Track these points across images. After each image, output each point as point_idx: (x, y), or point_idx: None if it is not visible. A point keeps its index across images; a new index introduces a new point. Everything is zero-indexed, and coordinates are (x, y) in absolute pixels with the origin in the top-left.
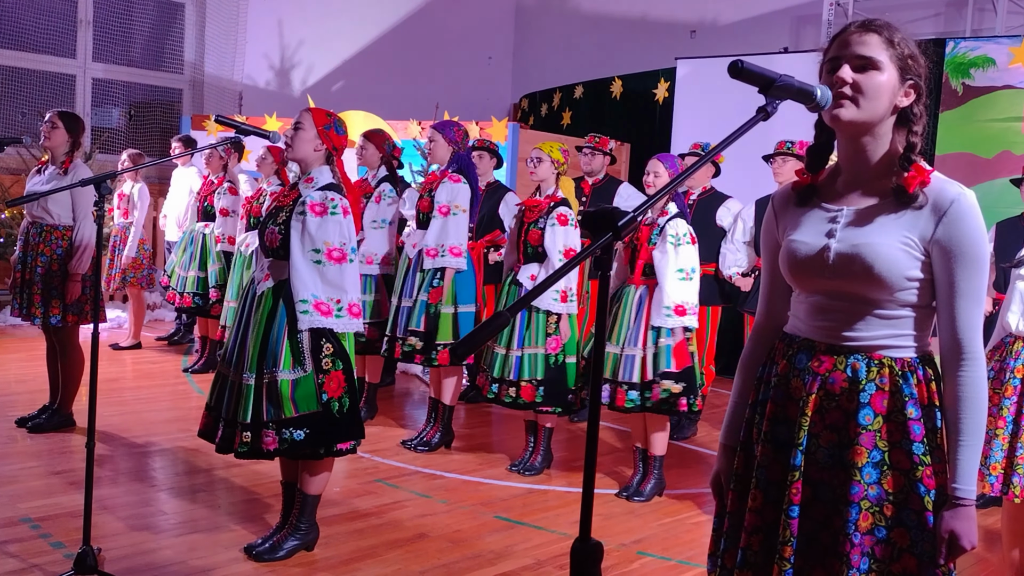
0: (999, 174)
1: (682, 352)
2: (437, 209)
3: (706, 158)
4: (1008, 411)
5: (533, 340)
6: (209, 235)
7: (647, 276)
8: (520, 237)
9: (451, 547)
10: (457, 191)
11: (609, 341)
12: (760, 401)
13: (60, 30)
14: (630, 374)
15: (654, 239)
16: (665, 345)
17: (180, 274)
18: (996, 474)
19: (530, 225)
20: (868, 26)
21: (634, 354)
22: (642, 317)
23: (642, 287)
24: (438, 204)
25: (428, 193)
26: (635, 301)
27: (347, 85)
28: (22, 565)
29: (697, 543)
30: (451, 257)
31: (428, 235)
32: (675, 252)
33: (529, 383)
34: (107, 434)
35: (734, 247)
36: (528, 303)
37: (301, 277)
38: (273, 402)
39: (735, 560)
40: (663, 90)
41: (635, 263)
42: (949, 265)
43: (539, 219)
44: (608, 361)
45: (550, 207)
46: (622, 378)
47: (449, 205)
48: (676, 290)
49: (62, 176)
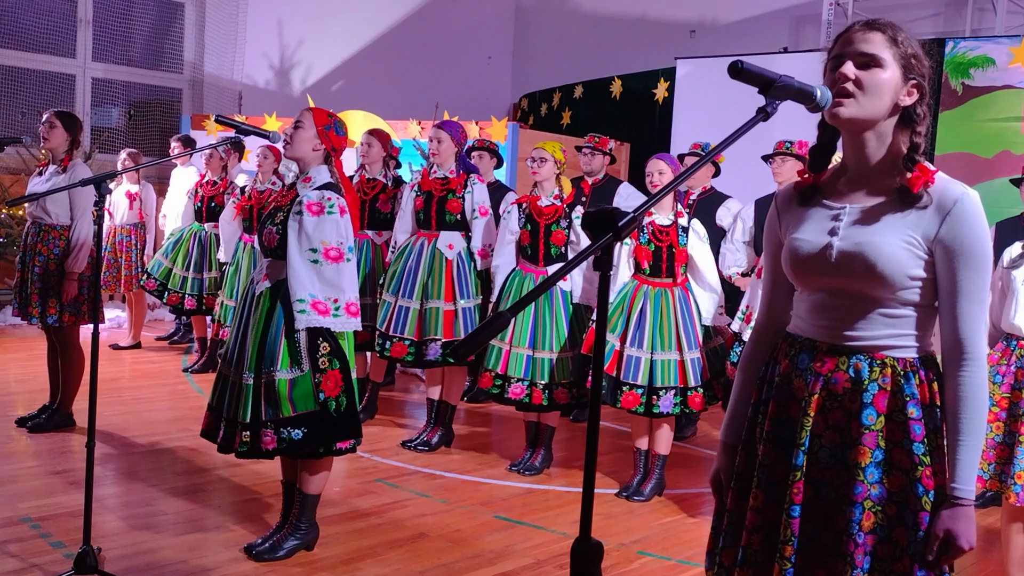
0: (999, 174)
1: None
2: (478, 211)
3: (706, 159)
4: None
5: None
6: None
7: (672, 277)
8: (539, 239)
9: (451, 547)
10: (485, 192)
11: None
12: (762, 401)
13: (60, 30)
14: (699, 377)
15: (683, 240)
16: (718, 345)
17: (180, 274)
18: (1022, 483)
19: (550, 227)
20: (872, 25)
21: (697, 356)
22: (691, 317)
23: (678, 289)
24: (477, 205)
25: (452, 194)
26: (678, 303)
27: (347, 85)
28: (22, 565)
29: (697, 543)
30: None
31: (475, 237)
32: (708, 250)
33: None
34: (107, 434)
35: (734, 247)
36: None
37: (298, 276)
38: (271, 402)
39: (733, 558)
40: (663, 90)
41: (672, 266)
42: (952, 265)
43: (560, 220)
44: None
45: (567, 208)
46: (694, 383)
47: (486, 206)
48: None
49: (61, 176)
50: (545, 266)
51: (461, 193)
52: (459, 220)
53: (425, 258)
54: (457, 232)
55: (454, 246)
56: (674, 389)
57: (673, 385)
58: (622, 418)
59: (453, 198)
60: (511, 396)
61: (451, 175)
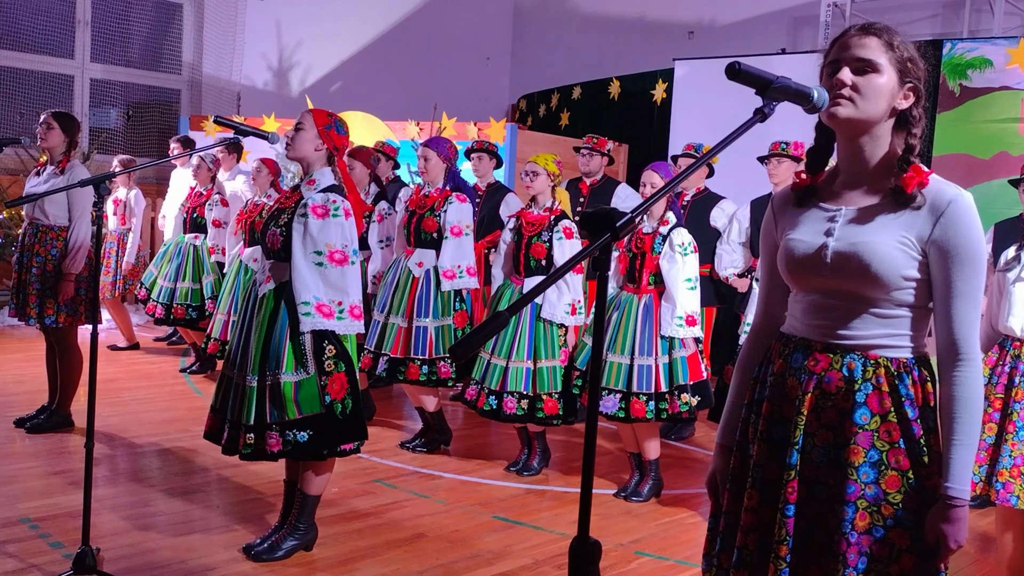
0: (996, 175)
1: (695, 364)
2: (450, 230)
3: (702, 160)
4: (1018, 416)
5: (549, 353)
6: (201, 247)
7: (654, 285)
8: (520, 251)
9: (449, 547)
10: (464, 211)
11: (613, 351)
12: (756, 400)
13: (58, 30)
14: (648, 384)
15: (658, 248)
16: (679, 357)
17: (165, 285)
18: (1003, 481)
19: (532, 239)
20: (868, 29)
21: (649, 364)
22: (651, 326)
23: (646, 296)
24: (450, 225)
25: (430, 212)
26: (641, 310)
27: (345, 86)
28: (21, 565)
29: (694, 543)
30: (468, 277)
31: (444, 256)
32: (683, 261)
33: (550, 396)
34: (106, 434)
35: (730, 248)
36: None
37: (303, 279)
38: (276, 404)
39: (731, 559)
40: (661, 91)
41: (641, 272)
42: (946, 265)
43: (542, 232)
44: (616, 371)
45: (552, 221)
46: (637, 388)
47: (460, 225)
48: (687, 300)
49: (59, 177)
50: (525, 277)
51: (438, 211)
52: (435, 238)
53: (399, 274)
54: (432, 250)
55: (423, 264)
56: (620, 393)
57: (620, 388)
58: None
59: (430, 216)
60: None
61: (435, 193)
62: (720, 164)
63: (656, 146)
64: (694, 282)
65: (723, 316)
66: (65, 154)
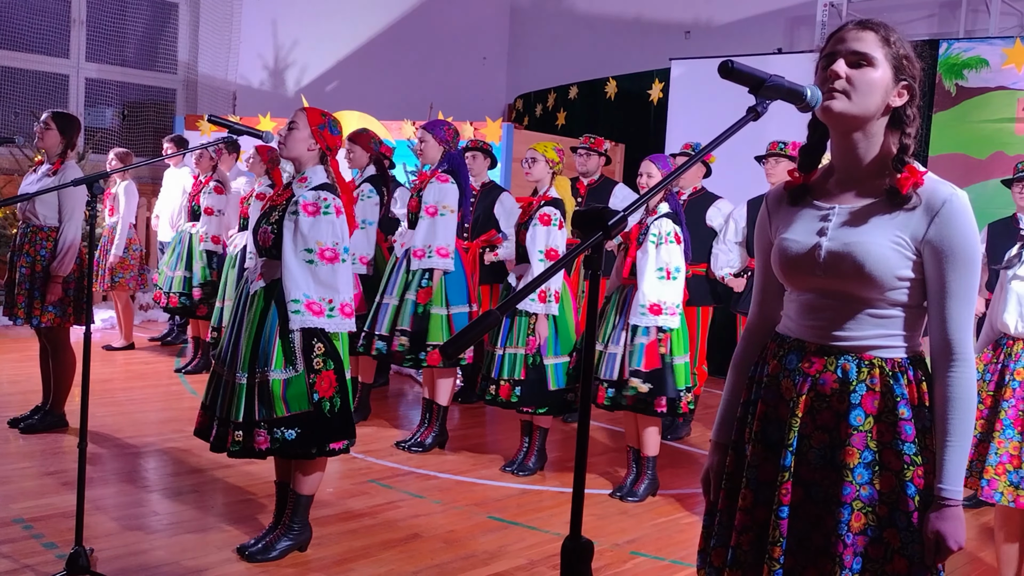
0: (992, 175)
1: (652, 352)
2: (424, 210)
3: (695, 158)
4: (1006, 414)
5: (515, 340)
6: (195, 234)
7: (633, 276)
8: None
9: (445, 547)
10: (445, 191)
11: (598, 340)
12: (751, 401)
13: (53, 30)
14: (609, 371)
15: (641, 239)
16: (639, 344)
17: (168, 274)
18: (988, 478)
19: (521, 226)
20: (865, 24)
21: (616, 352)
22: (624, 315)
23: (628, 286)
24: (425, 204)
25: (418, 193)
26: (621, 300)
27: (341, 85)
28: (14, 566)
29: (690, 543)
30: (438, 258)
31: (416, 236)
32: (655, 251)
33: (507, 382)
34: (100, 435)
35: (726, 247)
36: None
37: (293, 277)
38: (265, 402)
39: (723, 558)
40: (657, 91)
41: (625, 263)
42: (940, 265)
43: (529, 219)
44: (596, 359)
45: (537, 207)
46: (602, 375)
47: (436, 206)
48: (653, 289)
49: (51, 178)
50: (517, 264)
51: (423, 192)
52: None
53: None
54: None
55: (405, 244)
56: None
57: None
58: (615, 419)
59: (415, 197)
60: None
61: (428, 174)
62: (717, 164)
63: (653, 146)
64: (668, 272)
65: (720, 316)
66: (61, 155)
